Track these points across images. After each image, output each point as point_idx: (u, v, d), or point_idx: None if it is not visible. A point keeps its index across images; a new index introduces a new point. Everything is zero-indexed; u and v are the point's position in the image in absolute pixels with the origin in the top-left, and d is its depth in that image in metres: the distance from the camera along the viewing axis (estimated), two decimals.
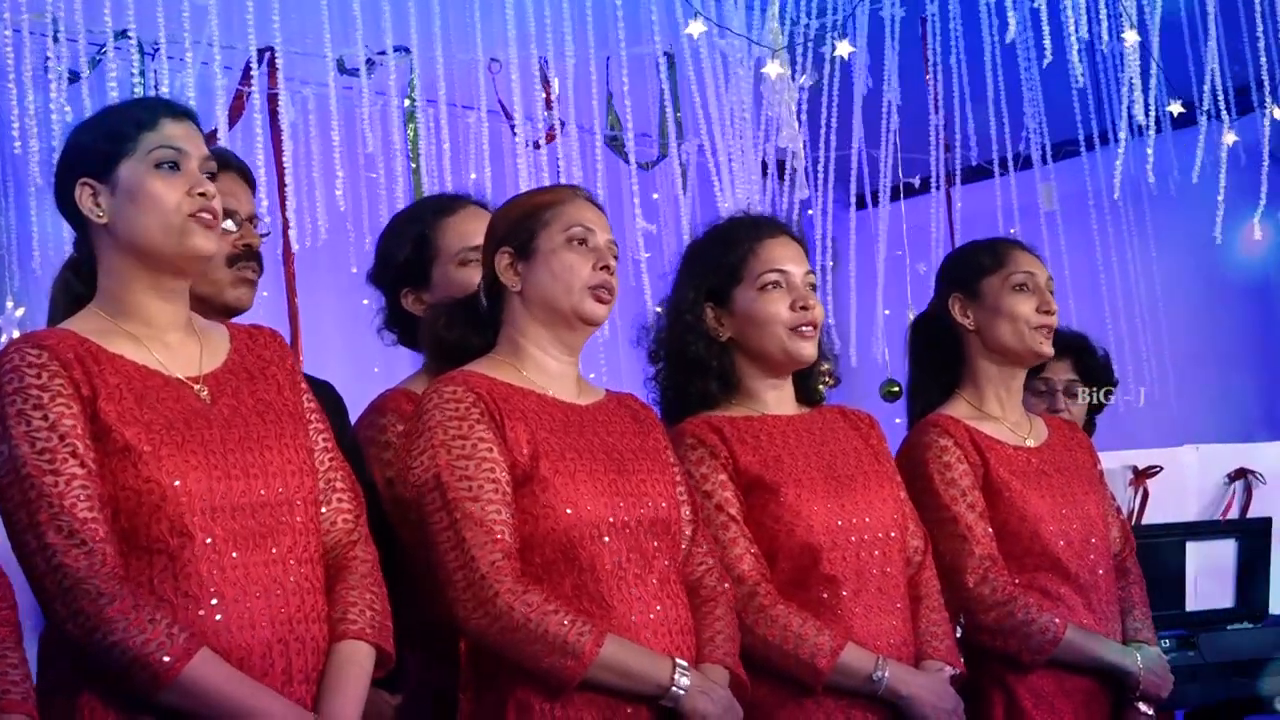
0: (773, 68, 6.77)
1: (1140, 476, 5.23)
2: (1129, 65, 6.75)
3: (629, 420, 3.59)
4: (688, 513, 3.57)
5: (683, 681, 3.31)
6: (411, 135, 6.68)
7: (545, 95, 6.78)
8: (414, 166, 6.67)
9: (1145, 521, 5.20)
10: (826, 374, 4.13)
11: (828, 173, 7.47)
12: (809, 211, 7.44)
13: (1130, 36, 6.67)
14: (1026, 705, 4.00)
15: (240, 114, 6.10)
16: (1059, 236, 7.71)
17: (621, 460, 3.47)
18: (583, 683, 3.25)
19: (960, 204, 7.83)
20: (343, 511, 3.18)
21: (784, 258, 3.87)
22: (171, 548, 2.91)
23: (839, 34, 7.04)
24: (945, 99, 7.60)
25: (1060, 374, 5.26)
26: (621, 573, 3.36)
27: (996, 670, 4.04)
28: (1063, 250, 7.64)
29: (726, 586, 3.58)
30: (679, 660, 3.34)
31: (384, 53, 6.29)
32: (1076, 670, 4.04)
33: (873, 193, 7.50)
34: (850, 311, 7.63)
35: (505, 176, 6.56)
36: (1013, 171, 7.82)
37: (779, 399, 3.91)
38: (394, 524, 3.54)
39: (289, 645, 2.98)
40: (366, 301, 4.09)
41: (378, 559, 3.22)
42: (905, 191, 7.71)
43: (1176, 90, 7.15)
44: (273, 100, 6.26)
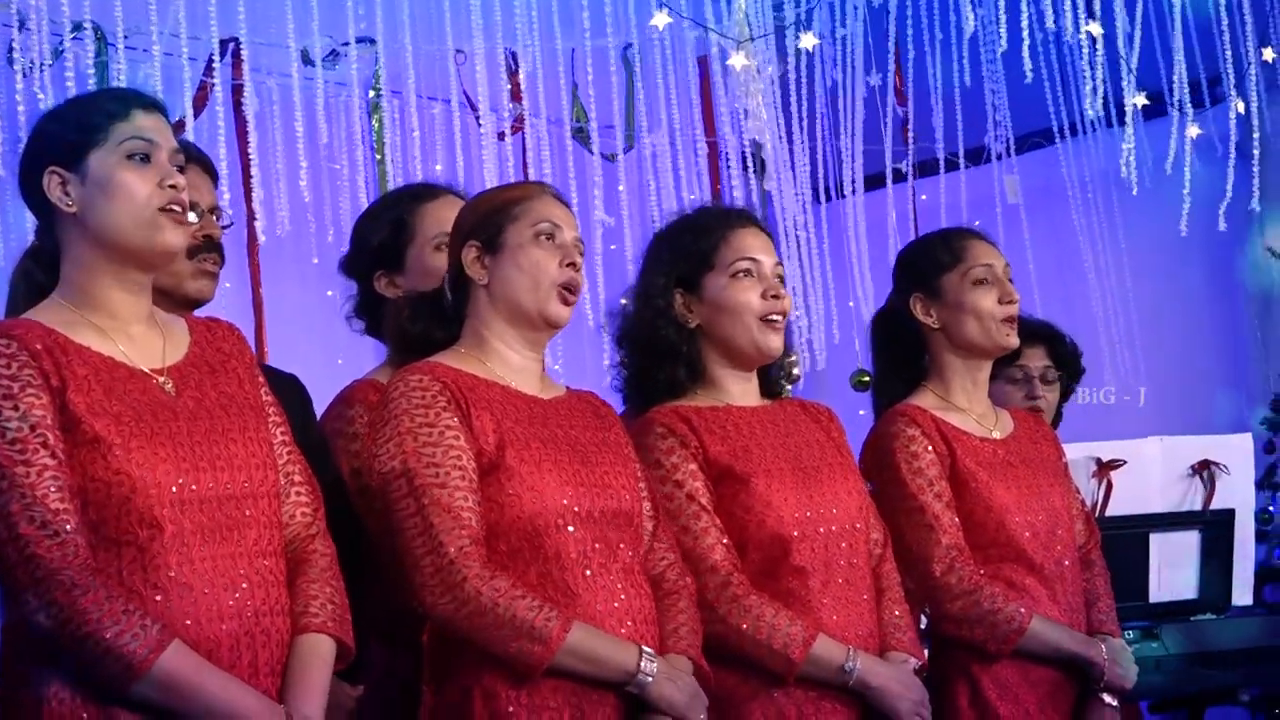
0: (738, 59, 6.78)
1: (1104, 468, 5.24)
2: (1093, 56, 6.76)
3: (590, 415, 3.61)
4: (648, 508, 3.58)
5: (649, 668, 3.33)
6: (376, 127, 6.66)
7: (511, 87, 6.77)
8: (379, 158, 6.66)
9: (1109, 513, 5.21)
10: (790, 368, 4.13)
11: (793, 165, 7.47)
12: (776, 203, 7.43)
13: (1094, 28, 6.67)
14: (991, 695, 4.01)
15: (204, 105, 6.08)
16: (1017, 228, 7.72)
17: (585, 452, 3.48)
18: (549, 669, 3.26)
19: (925, 196, 7.83)
20: (301, 505, 3.18)
21: (755, 247, 3.88)
22: (140, 540, 2.90)
23: (804, 26, 7.04)
24: (908, 90, 7.61)
25: (1035, 361, 5.25)
26: (586, 562, 3.37)
27: (961, 660, 4.05)
28: (1026, 244, 7.65)
29: (688, 581, 3.60)
30: (645, 648, 3.35)
31: (349, 44, 6.27)
32: (1041, 661, 4.05)
33: (838, 184, 7.50)
34: (816, 303, 7.61)
35: (471, 168, 6.55)
36: (972, 165, 7.84)
37: (744, 391, 3.92)
38: (361, 514, 3.55)
39: (255, 638, 2.98)
40: (331, 293, 4.09)
41: (336, 553, 3.22)
42: (869, 184, 7.70)
43: (1143, 82, 7.16)
44: (237, 92, 6.24)
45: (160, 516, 2.91)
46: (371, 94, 6.62)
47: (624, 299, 4.02)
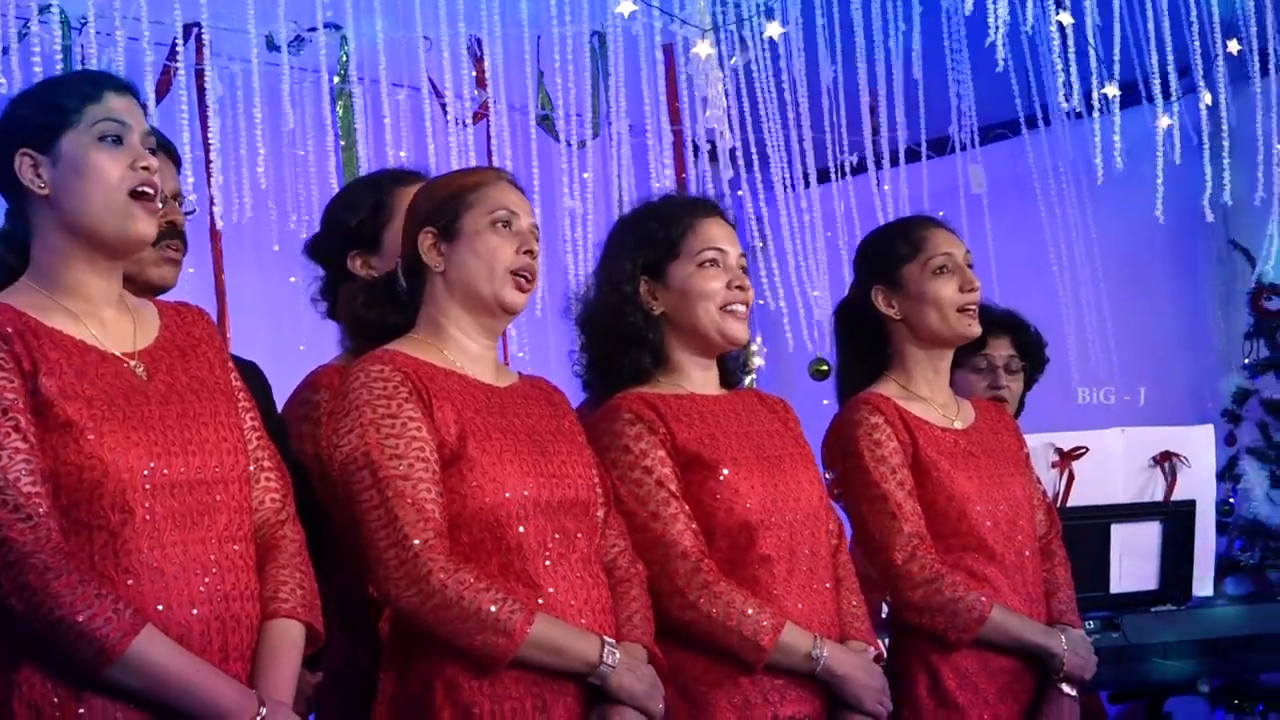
0: (702, 47, 6.77)
1: (1065, 458, 5.26)
2: (1059, 45, 6.76)
3: (544, 403, 3.62)
4: (601, 495, 3.59)
5: (611, 659, 3.34)
6: (342, 113, 6.64)
7: (476, 73, 6.76)
8: (344, 144, 6.63)
9: (1071, 504, 5.22)
10: (749, 358, 4.14)
11: (759, 154, 7.45)
12: (738, 192, 7.42)
13: (1064, 18, 6.68)
14: (950, 684, 4.02)
15: (168, 90, 6.05)
16: (980, 219, 7.73)
17: (542, 441, 3.49)
18: (513, 661, 3.26)
19: (888, 186, 7.83)
20: (270, 491, 3.18)
21: (721, 237, 3.90)
22: (112, 524, 2.90)
23: (768, 15, 7.02)
24: (873, 82, 7.60)
25: (1000, 350, 5.27)
26: (546, 552, 3.38)
27: (921, 648, 4.06)
28: (986, 233, 7.66)
29: (639, 568, 3.61)
30: (607, 638, 3.37)
31: (314, 29, 6.25)
32: (1001, 650, 4.06)
33: (803, 174, 7.49)
34: (778, 292, 7.60)
35: (437, 154, 6.53)
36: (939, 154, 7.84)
37: (706, 379, 3.93)
38: (325, 502, 3.54)
39: (225, 623, 2.99)
40: (294, 279, 4.07)
41: (305, 539, 3.23)
42: (833, 174, 7.70)
43: (1112, 72, 7.16)
44: (200, 77, 6.21)
45: (132, 501, 2.91)
46: (337, 80, 6.60)
47: (586, 284, 4.02)
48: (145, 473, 2.93)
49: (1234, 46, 7.31)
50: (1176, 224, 7.10)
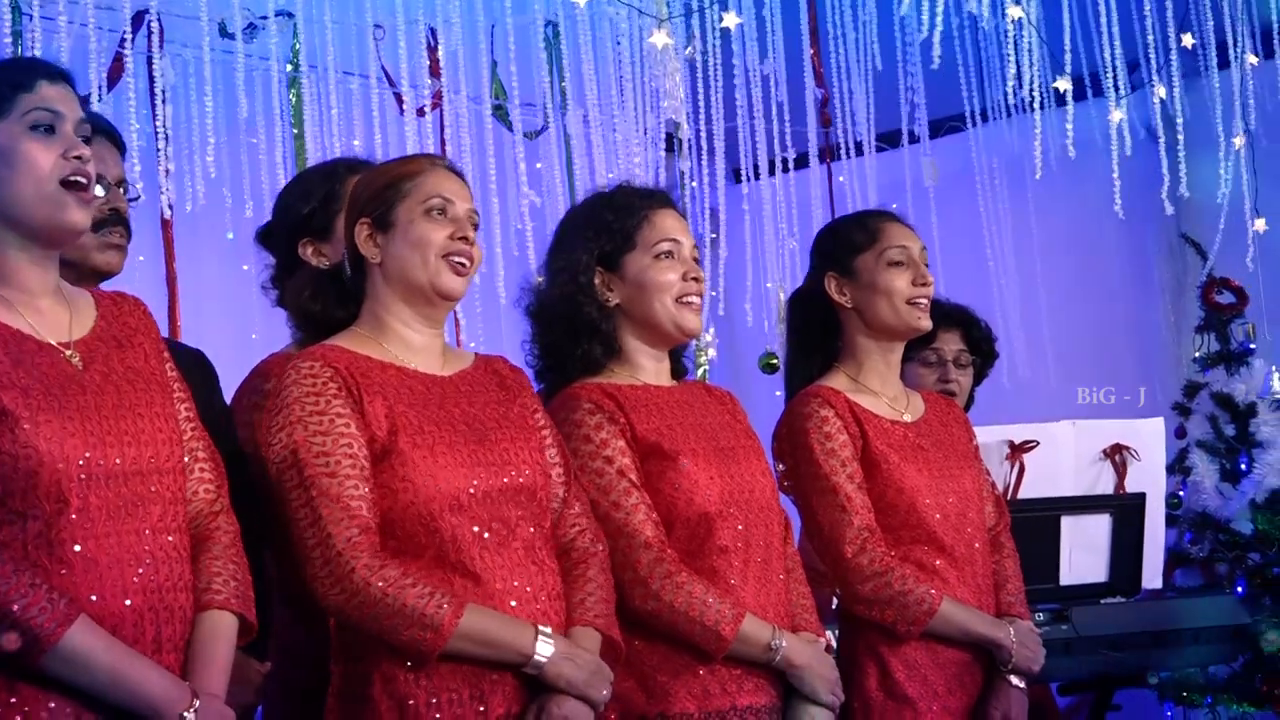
0: (659, 37, 6.76)
1: (1016, 451, 5.28)
2: (1020, 40, 6.77)
3: (494, 388, 3.60)
4: (559, 474, 3.58)
5: (544, 650, 3.33)
6: (294, 101, 6.61)
7: (430, 63, 6.73)
8: (296, 133, 6.61)
9: (1021, 496, 5.24)
10: (704, 350, 4.14)
11: (711, 145, 7.45)
12: (692, 184, 7.42)
13: (1015, 11, 6.69)
14: (899, 676, 4.04)
15: (119, 77, 6.02)
16: (930, 211, 7.73)
17: (484, 430, 3.47)
18: (445, 653, 3.26)
19: (843, 178, 7.84)
20: (204, 482, 3.18)
21: (676, 228, 3.92)
22: (47, 514, 2.88)
23: (724, 5, 7.02)
24: (828, 73, 7.60)
25: (950, 344, 5.29)
26: (484, 543, 3.36)
27: (870, 641, 4.07)
28: (933, 227, 7.66)
29: (600, 548, 3.60)
30: (542, 628, 3.35)
31: (266, 17, 6.22)
32: (950, 642, 4.08)
33: (755, 166, 7.48)
34: (730, 284, 7.60)
35: (389, 144, 6.51)
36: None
37: (658, 370, 3.93)
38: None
39: (159, 614, 2.98)
40: (246, 267, 4.06)
41: (239, 530, 3.22)
42: (787, 166, 7.70)
43: (1061, 66, 7.18)
44: (152, 64, 6.17)
45: (67, 491, 2.89)
46: (289, 68, 6.57)
47: (538, 275, 4.01)
48: (81, 463, 2.91)
49: (1188, 40, 7.34)
50: (1129, 218, 7.10)
